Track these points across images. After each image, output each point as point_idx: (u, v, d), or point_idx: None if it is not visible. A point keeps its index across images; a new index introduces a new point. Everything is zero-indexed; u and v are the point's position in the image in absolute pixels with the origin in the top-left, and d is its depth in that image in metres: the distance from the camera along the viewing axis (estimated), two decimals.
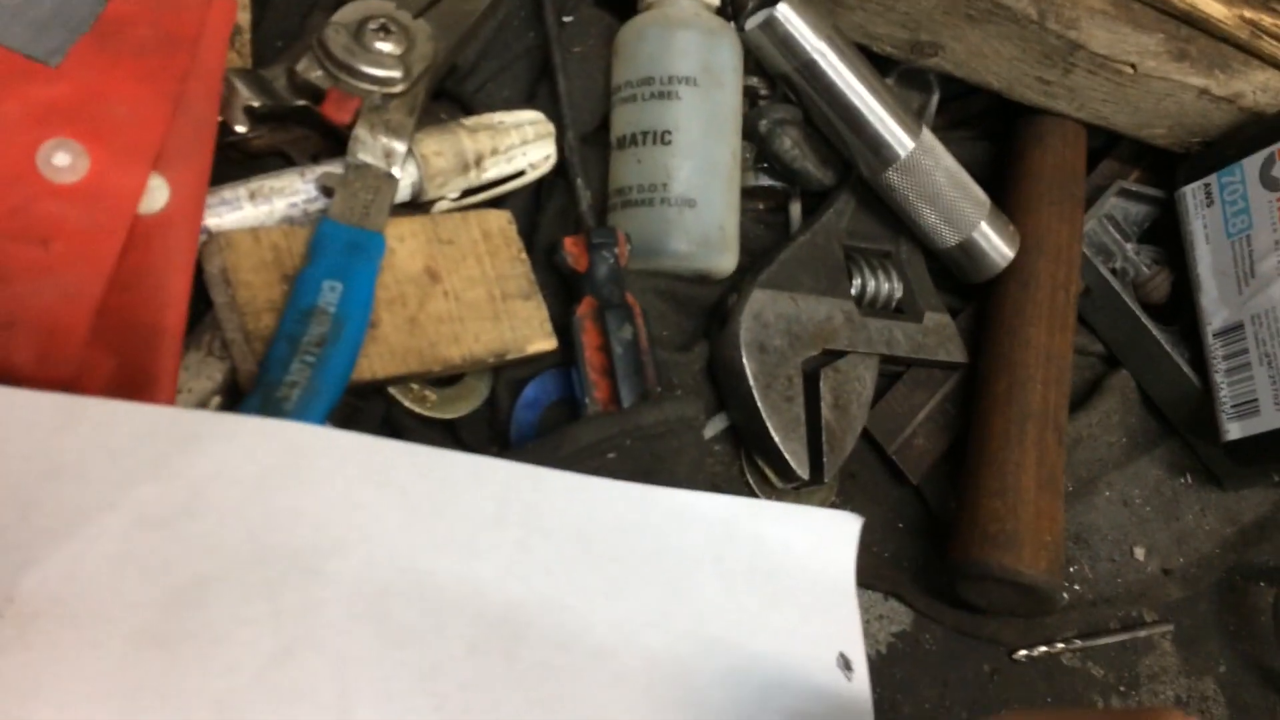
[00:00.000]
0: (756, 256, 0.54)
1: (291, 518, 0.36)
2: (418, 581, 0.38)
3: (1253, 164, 0.60)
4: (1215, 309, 0.61)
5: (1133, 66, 0.57)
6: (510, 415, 0.47)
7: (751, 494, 0.52)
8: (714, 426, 0.52)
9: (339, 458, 0.38)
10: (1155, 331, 0.61)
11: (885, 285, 0.56)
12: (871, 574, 0.52)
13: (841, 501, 0.54)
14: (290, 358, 0.39)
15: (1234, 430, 0.59)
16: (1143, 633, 0.58)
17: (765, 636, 0.43)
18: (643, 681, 0.40)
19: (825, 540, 0.46)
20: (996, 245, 0.56)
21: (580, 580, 0.41)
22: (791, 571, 0.45)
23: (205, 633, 0.34)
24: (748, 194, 0.56)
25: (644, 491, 0.43)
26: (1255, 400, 0.58)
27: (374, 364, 0.43)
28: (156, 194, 0.38)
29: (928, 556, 0.55)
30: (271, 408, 0.38)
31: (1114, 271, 0.63)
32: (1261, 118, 0.61)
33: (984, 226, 0.56)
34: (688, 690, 0.41)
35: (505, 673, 0.38)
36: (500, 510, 0.40)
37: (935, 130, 0.57)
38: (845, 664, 0.44)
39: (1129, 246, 0.64)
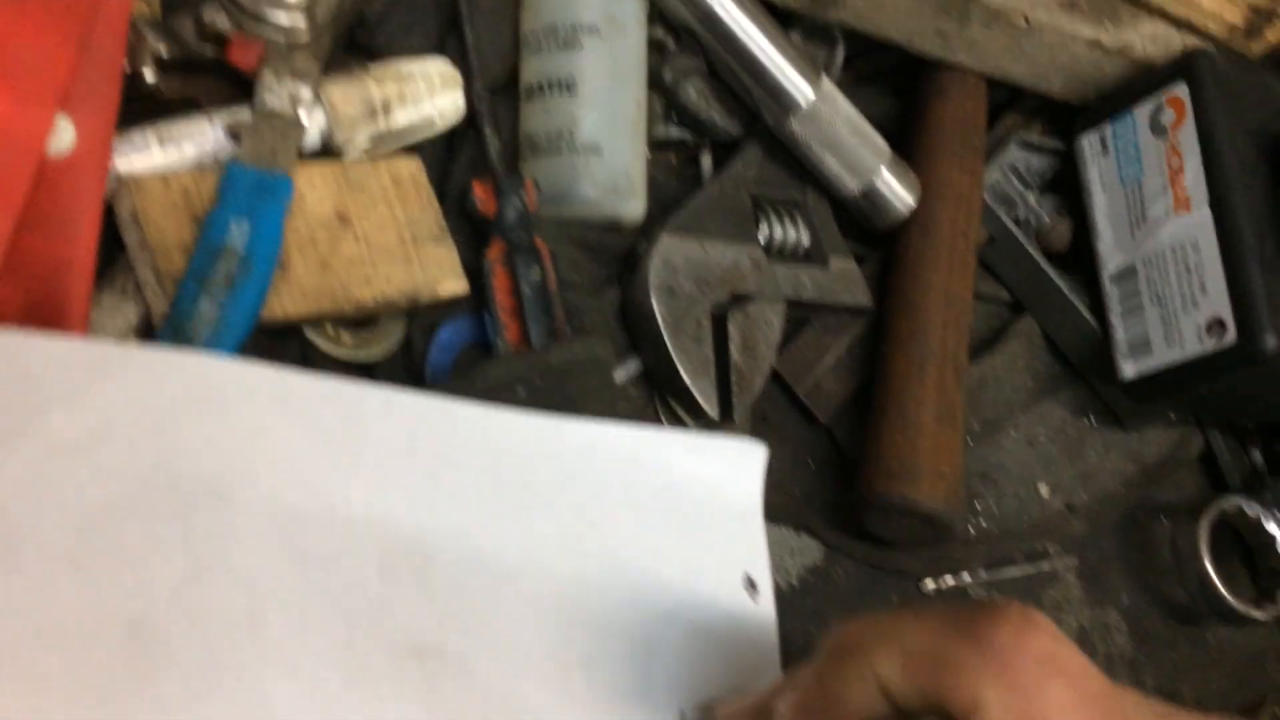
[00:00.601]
0: (667, 206, 0.56)
1: (202, 445, 0.38)
2: (328, 508, 0.39)
3: (1143, 112, 0.63)
4: (1111, 254, 0.63)
5: (1026, 19, 0.59)
6: (425, 357, 0.48)
7: None
8: (626, 370, 0.53)
9: (249, 388, 0.39)
10: (1056, 278, 0.64)
11: (792, 233, 0.58)
12: (783, 511, 0.54)
13: None
14: (199, 295, 0.41)
15: (1129, 369, 0.61)
16: (1047, 565, 0.61)
17: (672, 560, 0.45)
18: (551, 603, 0.42)
19: (732, 466, 0.48)
20: (898, 193, 0.58)
21: (490, 508, 0.42)
22: (698, 497, 0.46)
23: (118, 555, 0.35)
24: (659, 146, 0.58)
25: (553, 422, 0.45)
26: (1148, 340, 0.60)
27: (285, 303, 0.44)
28: (63, 136, 0.39)
29: (838, 494, 0.57)
30: (181, 343, 0.39)
31: (1017, 221, 0.65)
32: (1151, 68, 0.63)
33: (885, 174, 0.58)
34: (595, 611, 0.42)
35: (416, 593, 0.39)
36: (410, 440, 0.42)
37: (842, 86, 0.58)
38: (751, 585, 0.46)
39: (1031, 197, 0.66)
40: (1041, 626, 0.31)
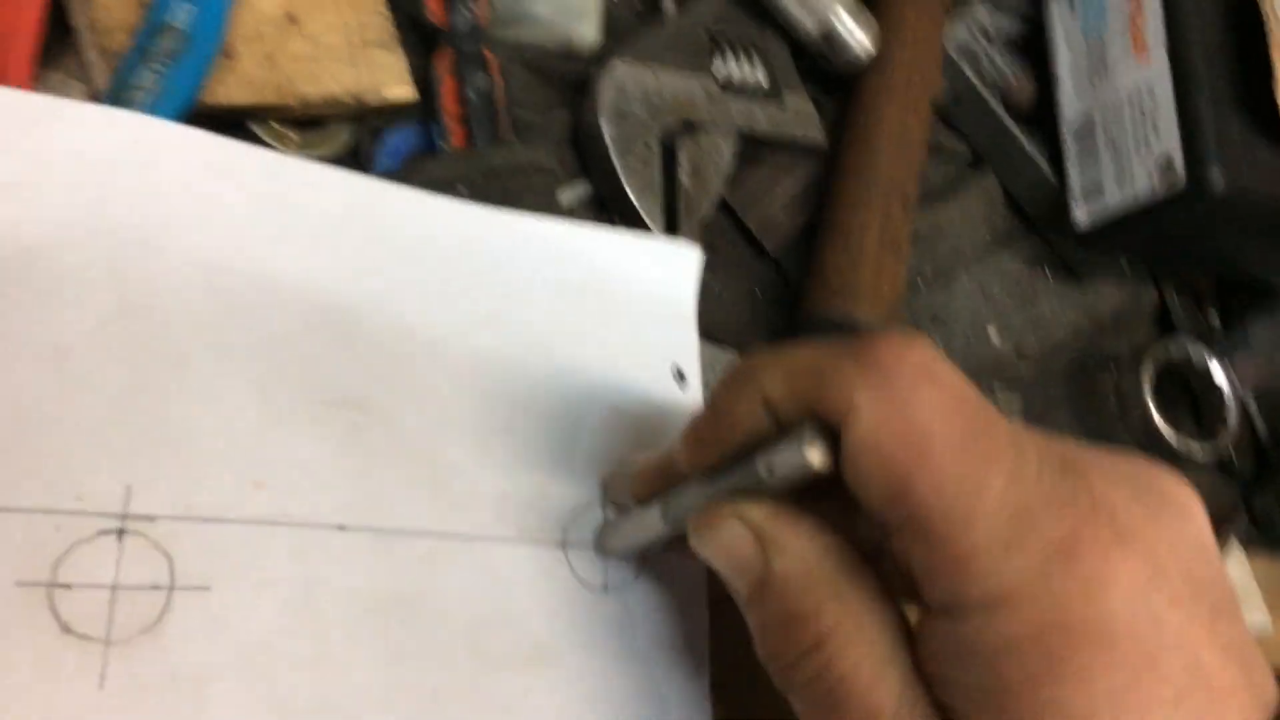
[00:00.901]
0: (625, 39, 0.57)
1: (134, 196, 0.39)
2: (257, 267, 0.40)
3: None
4: (1071, 104, 0.64)
5: None
6: (372, 161, 0.50)
7: None
8: (574, 192, 0.55)
9: (184, 147, 0.40)
10: (1017, 131, 0.64)
11: (749, 69, 0.59)
12: (727, 333, 0.55)
13: (706, 275, 0.57)
14: (140, 66, 0.42)
15: (1082, 215, 0.62)
16: (994, 402, 0.62)
17: (600, 346, 0.46)
18: (475, 373, 0.43)
19: (666, 264, 0.49)
20: (856, 35, 0.59)
21: (419, 283, 0.44)
22: (630, 290, 0.48)
23: (46, 288, 0.37)
24: None
25: (489, 211, 0.46)
26: (1101, 184, 0.61)
27: (231, 91, 0.45)
28: None
29: (784, 322, 0.58)
30: (121, 106, 0.41)
31: (982, 78, 0.66)
32: None
33: (844, 16, 0.59)
34: (519, 387, 0.44)
35: (341, 351, 0.41)
36: (343, 214, 0.43)
37: None
38: (679, 375, 0.47)
39: (997, 55, 0.67)
40: (920, 343, 0.31)
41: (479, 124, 0.50)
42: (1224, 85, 0.58)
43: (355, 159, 0.50)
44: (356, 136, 0.50)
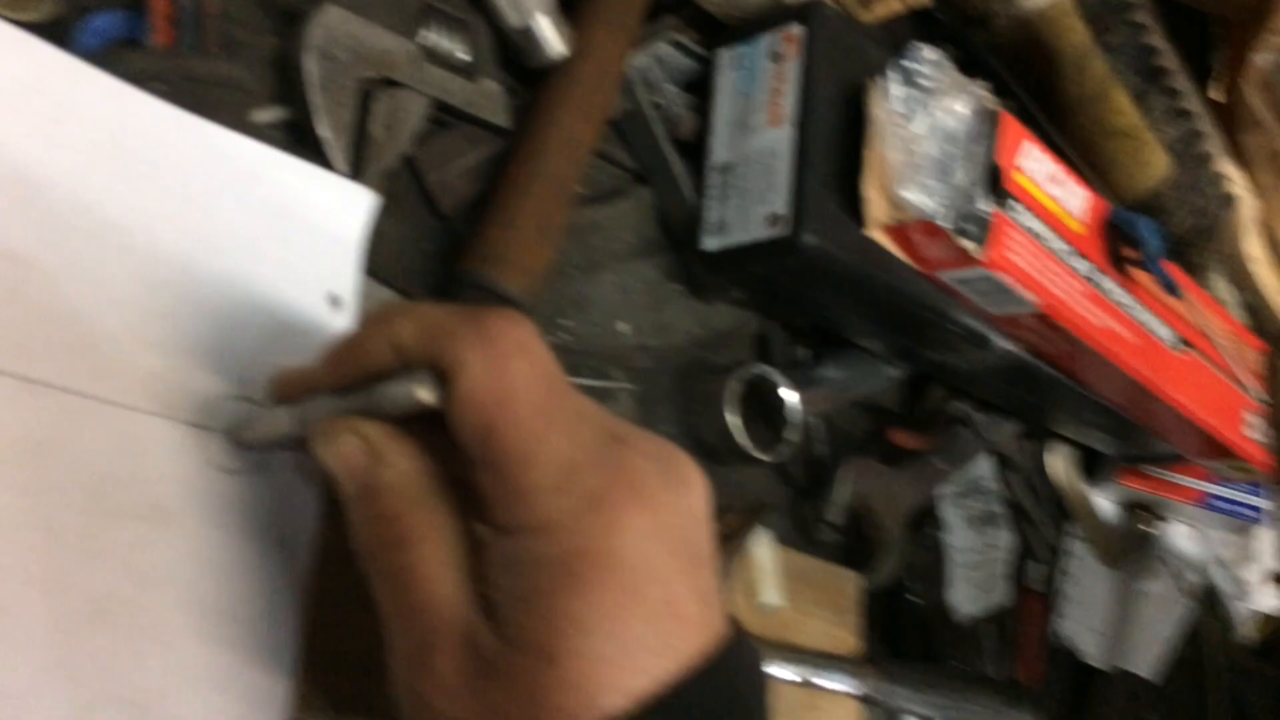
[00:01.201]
0: None
1: None
2: None
3: (767, 39, 0.74)
4: (719, 149, 0.74)
5: None
6: (74, 38, 0.51)
7: None
8: (271, 115, 0.58)
9: None
10: (673, 159, 0.74)
11: (452, 45, 0.65)
12: (389, 273, 0.61)
13: (383, 222, 0.62)
14: None
15: (710, 243, 0.72)
16: (610, 384, 0.71)
17: (266, 261, 0.50)
18: (143, 260, 0.46)
19: (342, 200, 0.54)
20: (551, 39, 0.66)
21: (105, 163, 0.46)
22: (303, 218, 0.52)
23: None
24: None
25: (180, 113, 0.49)
26: (727, 222, 0.72)
27: None
28: None
29: (442, 276, 0.64)
30: None
31: (655, 105, 0.75)
32: (783, 6, 0.75)
33: (542, 19, 0.66)
34: (184, 280, 0.47)
35: (14, 210, 0.43)
36: (39, 83, 0.45)
37: None
38: (334, 301, 0.52)
39: (670, 88, 0.76)
40: (523, 322, 0.40)
41: (186, 28, 0.53)
42: (832, 164, 0.70)
43: (57, 32, 0.51)
44: (61, 10, 0.51)
